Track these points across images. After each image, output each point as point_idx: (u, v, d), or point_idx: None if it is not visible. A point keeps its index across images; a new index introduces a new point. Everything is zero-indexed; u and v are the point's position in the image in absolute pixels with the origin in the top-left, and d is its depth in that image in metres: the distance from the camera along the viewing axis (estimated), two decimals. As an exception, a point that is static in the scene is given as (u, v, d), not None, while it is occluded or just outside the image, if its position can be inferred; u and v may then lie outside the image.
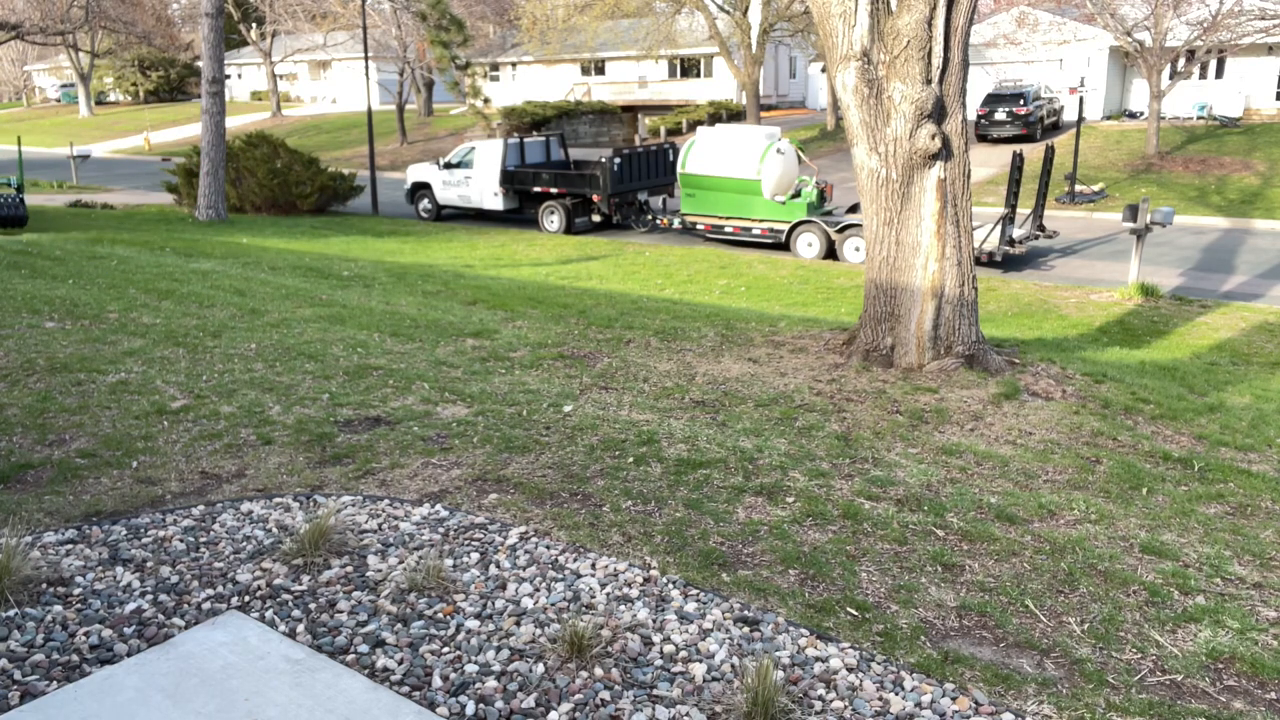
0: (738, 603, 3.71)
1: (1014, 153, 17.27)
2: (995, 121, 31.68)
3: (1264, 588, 4.03)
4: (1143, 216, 14.07)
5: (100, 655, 3.24)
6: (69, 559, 3.90)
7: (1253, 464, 5.60)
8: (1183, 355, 10.16)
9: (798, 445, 5.53)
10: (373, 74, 34.71)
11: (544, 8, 38.52)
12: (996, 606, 3.78)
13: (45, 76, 72.79)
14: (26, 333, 7.76)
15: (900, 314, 7.19)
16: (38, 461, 5.01)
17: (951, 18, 6.83)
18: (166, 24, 49.19)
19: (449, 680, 3.15)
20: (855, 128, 7.16)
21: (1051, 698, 3.19)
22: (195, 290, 10.23)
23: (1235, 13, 25.78)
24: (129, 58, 56.40)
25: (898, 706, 3.09)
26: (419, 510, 4.49)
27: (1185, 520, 4.70)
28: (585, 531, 4.29)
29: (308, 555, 3.92)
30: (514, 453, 5.28)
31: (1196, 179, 25.77)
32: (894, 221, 7.12)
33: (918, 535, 4.39)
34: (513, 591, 3.74)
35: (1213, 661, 3.46)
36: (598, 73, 45.21)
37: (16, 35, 28.46)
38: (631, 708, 3.03)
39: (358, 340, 8.00)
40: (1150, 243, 17.14)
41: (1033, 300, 13.79)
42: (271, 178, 22.44)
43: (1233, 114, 32.51)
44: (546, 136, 23.59)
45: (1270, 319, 12.76)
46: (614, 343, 8.17)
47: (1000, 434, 5.88)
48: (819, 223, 18.24)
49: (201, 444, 5.34)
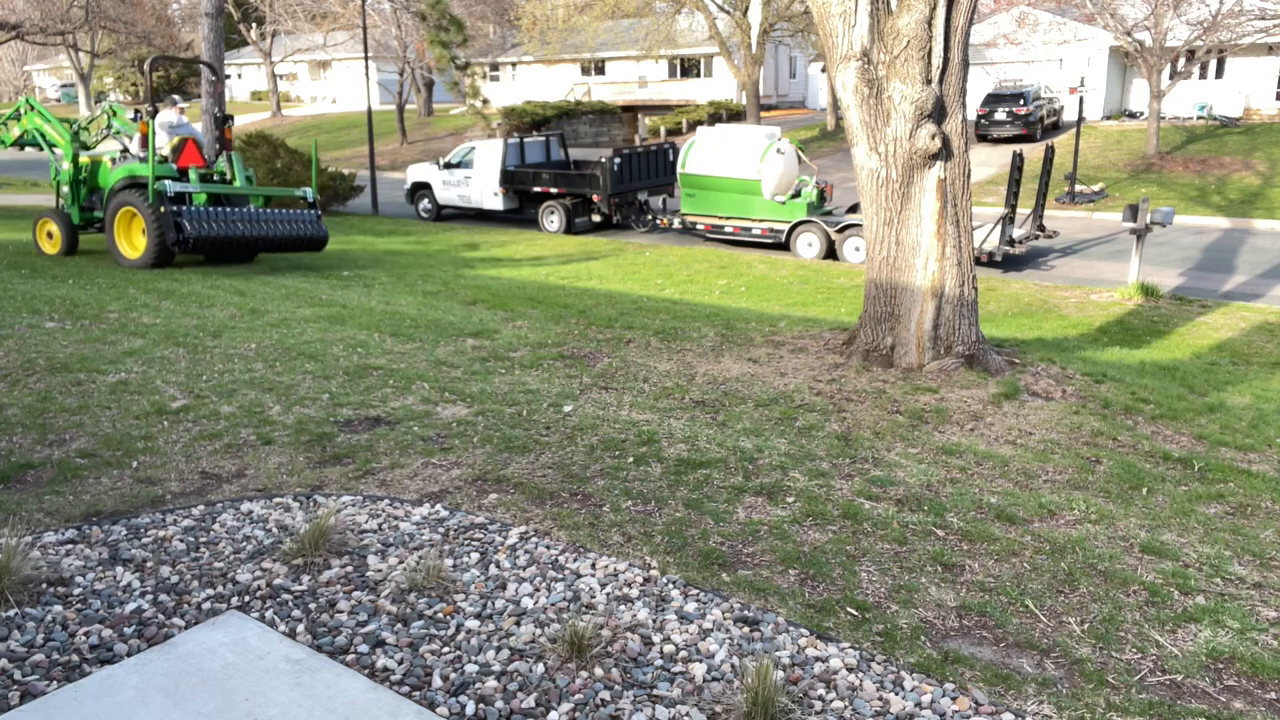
0: (738, 603, 3.71)
1: (1014, 153, 17.27)
2: (995, 121, 31.67)
3: (1264, 587, 4.03)
4: (1143, 216, 14.07)
5: (100, 655, 3.24)
6: (69, 559, 3.90)
7: (1253, 464, 5.60)
8: (1183, 355, 10.15)
9: (798, 445, 5.53)
10: (373, 74, 34.71)
11: (544, 8, 38.53)
12: (996, 606, 3.78)
13: (45, 76, 72.83)
14: (27, 333, 7.76)
15: (900, 314, 7.19)
16: (38, 461, 5.01)
17: (951, 17, 6.83)
18: (166, 24, 49.13)
19: (449, 680, 3.15)
20: (855, 128, 7.16)
21: (1051, 698, 3.19)
22: (195, 290, 10.24)
23: (1235, 12, 25.77)
24: (129, 58, 56.37)
25: (898, 706, 3.09)
26: (419, 510, 4.49)
27: (1185, 520, 4.70)
28: (585, 531, 4.29)
29: (308, 555, 3.92)
30: (514, 453, 5.28)
31: (1196, 179, 25.76)
32: (894, 221, 7.12)
33: (918, 535, 4.39)
34: (513, 591, 3.74)
35: (1213, 661, 3.46)
36: (598, 73, 45.21)
37: (16, 35, 28.44)
38: (631, 708, 3.03)
39: (358, 340, 8.00)
40: (1150, 243, 17.12)
41: (1033, 300, 13.79)
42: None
43: (1233, 114, 32.51)
44: (546, 136, 23.59)
45: (1271, 319, 12.75)
46: (614, 342, 8.17)
47: (1000, 434, 5.88)
48: (819, 223, 18.24)
49: (201, 444, 5.34)
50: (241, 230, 11.90)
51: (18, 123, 13.90)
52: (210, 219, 11.67)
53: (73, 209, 13.16)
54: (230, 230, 11.80)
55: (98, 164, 12.97)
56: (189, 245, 11.50)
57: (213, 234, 11.61)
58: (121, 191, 12.16)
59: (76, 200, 13.13)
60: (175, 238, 11.46)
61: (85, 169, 13.06)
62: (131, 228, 12.22)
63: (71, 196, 13.11)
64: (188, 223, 11.40)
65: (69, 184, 13.03)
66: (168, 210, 11.53)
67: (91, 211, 13.19)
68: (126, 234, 12.26)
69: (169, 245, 11.66)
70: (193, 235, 11.40)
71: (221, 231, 11.70)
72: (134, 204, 11.86)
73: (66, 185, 13.04)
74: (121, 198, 12.05)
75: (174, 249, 11.73)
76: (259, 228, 12.11)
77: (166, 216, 11.52)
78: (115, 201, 12.12)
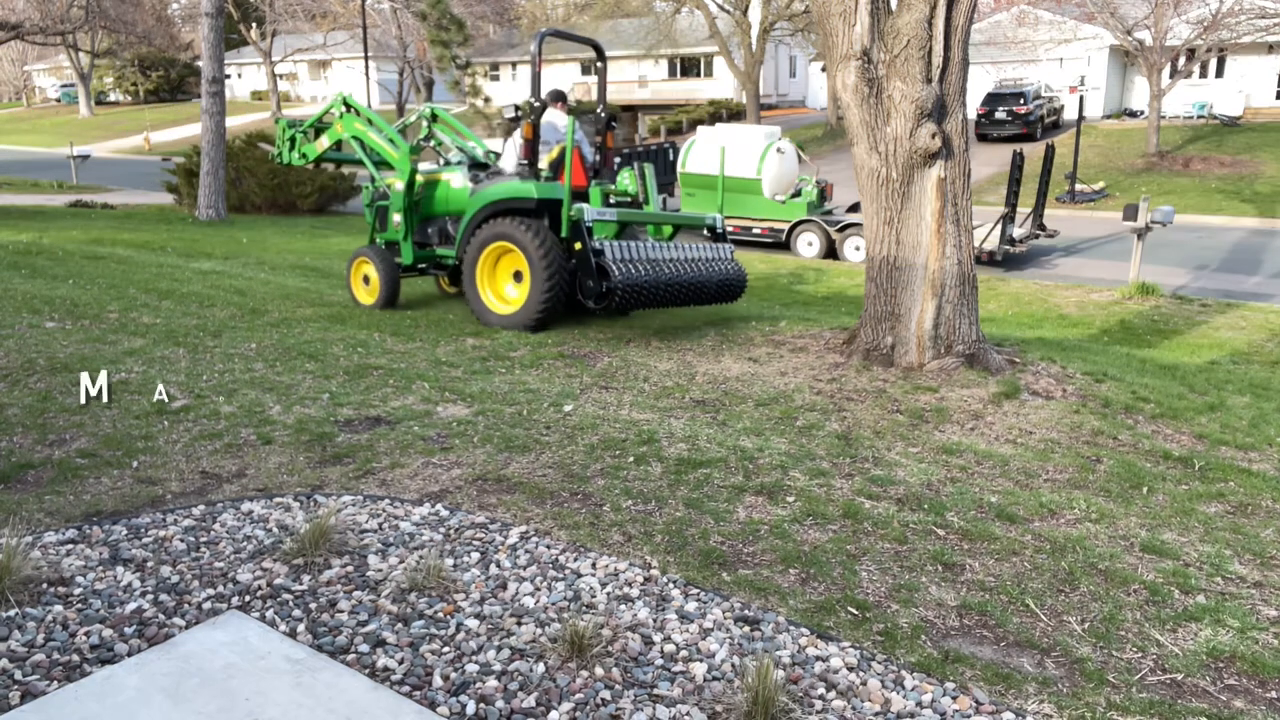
0: (738, 602, 3.71)
1: (1014, 152, 17.27)
2: (995, 121, 31.66)
3: (1264, 586, 4.02)
4: (1143, 215, 14.07)
5: (101, 655, 3.24)
6: (69, 559, 3.90)
7: (1253, 463, 5.60)
8: (1183, 354, 10.16)
9: (798, 444, 5.53)
10: (373, 74, 34.71)
11: (544, 8, 38.52)
12: (997, 606, 3.78)
13: (45, 76, 72.84)
14: (27, 332, 7.76)
15: (900, 313, 7.19)
16: (38, 461, 5.01)
17: (952, 17, 6.82)
18: (166, 24, 49.18)
19: (449, 680, 3.15)
20: (855, 127, 7.16)
21: (1052, 697, 3.19)
22: (195, 290, 10.24)
23: (1235, 11, 25.76)
24: (129, 58, 56.42)
25: (898, 705, 3.09)
26: (419, 510, 4.49)
27: (1186, 519, 4.70)
28: (585, 531, 4.30)
29: (308, 555, 3.92)
30: (514, 452, 5.29)
31: (1197, 178, 25.75)
32: (894, 220, 7.11)
33: (918, 534, 4.39)
34: (513, 591, 3.74)
35: (1213, 660, 3.46)
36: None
37: (16, 35, 28.46)
38: (632, 707, 3.03)
39: (358, 340, 8.00)
40: (1151, 242, 17.13)
41: (1033, 299, 13.79)
42: (271, 178, 22.44)
43: (1233, 113, 32.50)
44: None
45: (1271, 318, 12.76)
46: (614, 342, 8.16)
47: (1000, 433, 5.88)
48: (819, 222, 18.25)
49: (202, 444, 5.34)
50: (669, 274, 8.28)
51: (329, 131, 10.36)
52: (634, 260, 8.13)
53: (405, 245, 9.71)
54: (658, 274, 8.18)
55: (435, 184, 9.78)
56: (615, 299, 7.87)
57: (641, 279, 8.02)
58: (490, 221, 8.69)
59: (409, 233, 9.73)
60: (599, 288, 7.95)
61: (418, 191, 9.79)
62: (498, 272, 8.82)
63: (405, 228, 9.69)
64: (614, 266, 7.92)
65: (402, 212, 9.65)
66: (586, 248, 8.00)
67: (424, 248, 9.88)
68: (491, 280, 8.85)
69: (586, 296, 8.14)
70: (622, 284, 7.85)
71: (649, 276, 8.09)
72: (514, 238, 8.40)
73: (399, 214, 9.67)
74: (494, 229, 8.57)
75: (591, 303, 8.12)
76: (685, 270, 8.47)
77: (585, 256, 8.03)
78: (484, 235, 8.67)
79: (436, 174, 9.82)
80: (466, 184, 9.50)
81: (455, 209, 9.60)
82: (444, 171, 9.81)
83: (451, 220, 9.70)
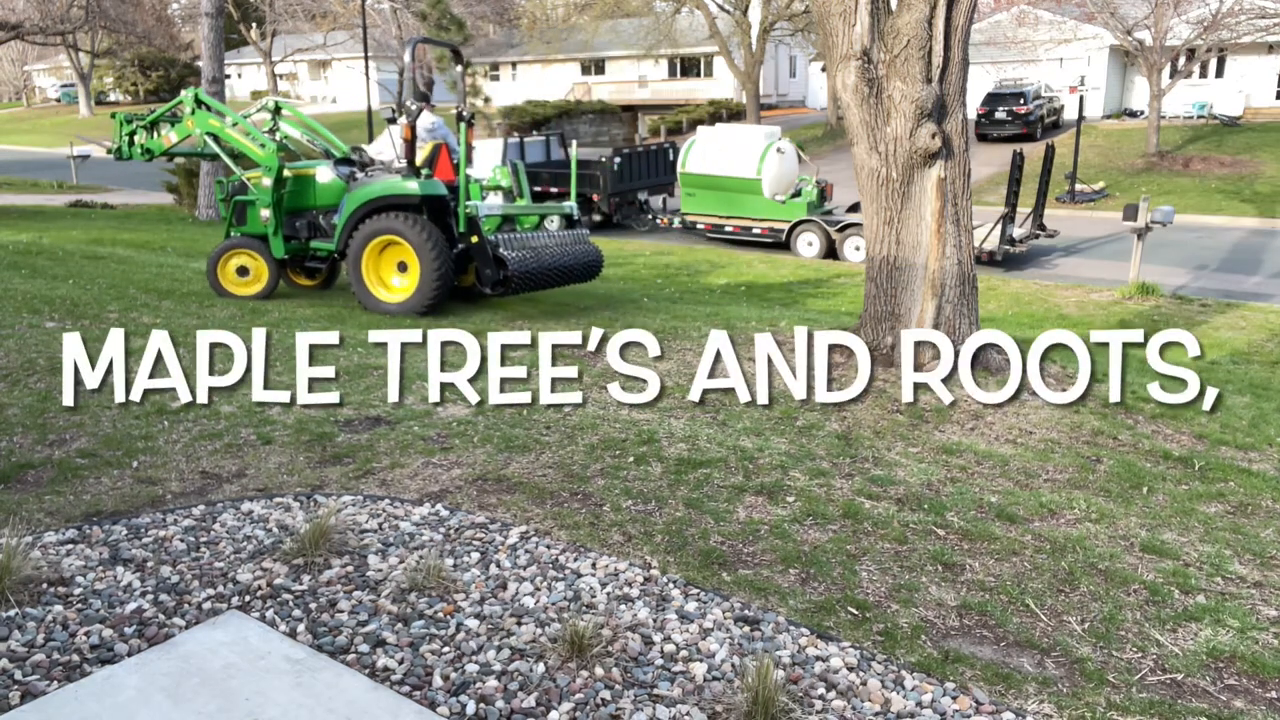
0: (738, 602, 3.71)
1: (1014, 152, 17.27)
2: (995, 121, 31.66)
3: (1264, 586, 4.02)
4: (1143, 215, 14.08)
5: (101, 655, 3.24)
6: (69, 559, 3.90)
7: (1253, 463, 5.60)
8: (1183, 354, 10.14)
9: (798, 444, 5.53)
10: (373, 74, 34.70)
11: (544, 8, 38.54)
12: (997, 606, 3.78)
13: (45, 76, 72.83)
14: (27, 332, 7.76)
15: (901, 313, 7.19)
16: (38, 461, 5.01)
17: (952, 16, 6.82)
18: (166, 24, 49.18)
19: (449, 680, 3.15)
20: (855, 127, 7.15)
21: (1052, 697, 3.19)
22: (196, 290, 10.23)
23: (1235, 11, 25.76)
24: (129, 58, 56.40)
25: (898, 705, 3.09)
26: (419, 510, 4.49)
27: (1185, 519, 4.70)
28: (585, 531, 4.30)
29: (308, 555, 3.92)
30: (514, 452, 5.29)
31: (1197, 178, 25.75)
32: (894, 220, 7.11)
33: (918, 534, 4.39)
34: (513, 591, 3.74)
35: (1213, 660, 3.46)
36: (598, 72, 45.20)
37: (16, 35, 28.46)
38: (632, 707, 3.03)
39: (358, 340, 8.00)
40: (1150, 242, 17.13)
41: (1033, 299, 13.80)
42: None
43: (1233, 113, 32.50)
44: (546, 136, 23.59)
45: (1271, 318, 12.76)
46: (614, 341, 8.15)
47: (1000, 433, 5.88)
48: (819, 222, 18.25)
49: (202, 444, 5.34)
50: (549, 259, 9.52)
51: (178, 127, 10.56)
52: (522, 248, 9.31)
53: (275, 239, 10.04)
54: (541, 260, 9.39)
55: (302, 179, 10.08)
56: (511, 285, 9.05)
57: (532, 267, 9.20)
58: (374, 216, 9.28)
59: (279, 228, 10.02)
60: (496, 276, 9.02)
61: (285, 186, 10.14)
62: (382, 263, 9.43)
63: (275, 223, 9.98)
64: (508, 255, 9.03)
65: (270, 207, 9.88)
66: (483, 240, 9.06)
67: (293, 241, 10.16)
68: (376, 270, 9.45)
69: (484, 284, 9.22)
70: (516, 271, 8.97)
71: (535, 262, 9.29)
72: (400, 232, 9.09)
73: (267, 209, 9.89)
74: (379, 224, 9.20)
75: (491, 290, 9.25)
76: (559, 254, 9.73)
77: (483, 248, 9.06)
78: (369, 229, 9.27)
79: (303, 169, 10.22)
80: (334, 178, 9.99)
81: (325, 203, 10.05)
82: (310, 166, 10.24)
83: (323, 214, 10.10)
